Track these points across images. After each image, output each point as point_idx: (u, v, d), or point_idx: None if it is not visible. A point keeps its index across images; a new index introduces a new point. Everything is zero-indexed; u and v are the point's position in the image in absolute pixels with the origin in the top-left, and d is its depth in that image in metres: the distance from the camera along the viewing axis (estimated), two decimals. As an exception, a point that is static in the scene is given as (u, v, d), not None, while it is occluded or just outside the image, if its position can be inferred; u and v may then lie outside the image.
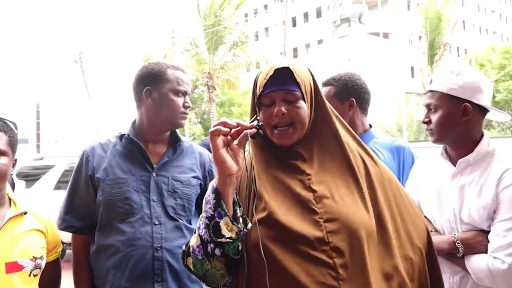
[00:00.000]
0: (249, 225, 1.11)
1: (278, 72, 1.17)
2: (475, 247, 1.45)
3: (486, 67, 26.90)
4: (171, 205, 1.68)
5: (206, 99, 25.14)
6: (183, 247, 1.23)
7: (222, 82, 22.74)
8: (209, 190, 1.16)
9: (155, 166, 1.72)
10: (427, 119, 1.61)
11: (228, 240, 1.11)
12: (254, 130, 1.15)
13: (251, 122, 1.18)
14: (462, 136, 1.55)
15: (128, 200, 1.64)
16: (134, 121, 1.82)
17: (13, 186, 2.45)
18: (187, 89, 1.77)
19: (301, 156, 1.21)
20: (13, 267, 1.43)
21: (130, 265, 1.60)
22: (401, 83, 24.61)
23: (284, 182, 1.17)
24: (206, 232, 1.13)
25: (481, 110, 1.56)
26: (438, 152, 1.66)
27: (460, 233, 1.49)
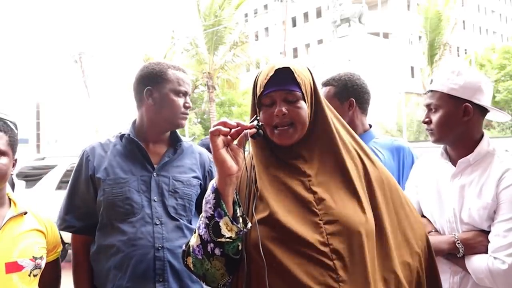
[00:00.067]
0: (248, 225, 1.12)
1: (278, 72, 1.17)
2: (475, 247, 1.45)
3: (486, 67, 26.89)
4: (172, 205, 1.68)
5: (206, 99, 25.14)
6: (183, 247, 1.23)
7: (222, 82, 22.74)
8: (209, 190, 1.16)
9: (155, 166, 1.72)
10: (427, 119, 1.61)
11: (228, 240, 1.11)
12: (254, 130, 1.15)
13: (251, 122, 1.18)
14: (462, 136, 1.55)
15: (129, 200, 1.64)
16: (134, 121, 1.81)
17: (13, 186, 2.45)
18: (187, 90, 1.77)
19: (301, 156, 1.21)
20: (13, 267, 1.43)
21: (131, 265, 1.60)
22: (401, 83, 24.61)
23: (285, 182, 1.17)
24: (206, 232, 1.13)
25: (481, 110, 1.56)
26: (438, 152, 1.66)
27: (460, 233, 1.49)
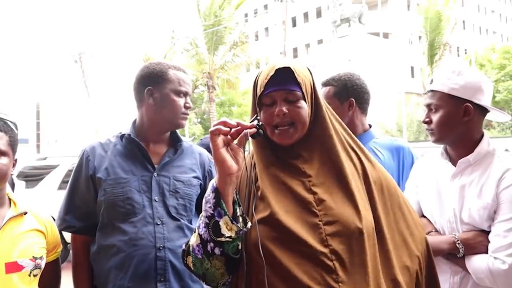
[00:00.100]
0: (248, 224, 1.11)
1: (279, 72, 1.17)
2: (475, 247, 1.45)
3: (486, 67, 26.89)
4: (173, 205, 1.68)
5: (206, 99, 25.14)
6: (183, 246, 1.23)
7: (222, 82, 22.75)
8: (209, 189, 1.15)
9: (156, 166, 1.72)
10: (427, 119, 1.60)
11: (227, 239, 1.11)
12: (254, 130, 1.15)
13: (251, 122, 1.17)
14: (462, 136, 1.55)
15: (130, 200, 1.64)
16: (134, 121, 1.81)
17: (13, 186, 2.44)
18: (188, 90, 1.77)
19: (301, 156, 1.21)
20: (13, 267, 1.43)
21: (132, 265, 1.59)
22: (401, 83, 24.60)
23: (285, 182, 1.17)
24: (205, 231, 1.13)
25: (481, 110, 1.56)
26: (438, 152, 1.66)
27: (461, 233, 1.49)
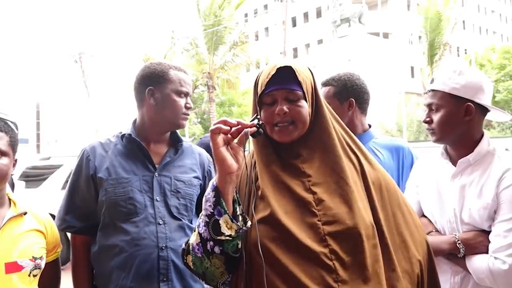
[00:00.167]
0: (248, 223, 1.11)
1: (280, 71, 1.18)
2: (476, 248, 1.45)
3: (486, 67, 26.88)
4: (174, 205, 1.69)
5: (206, 99, 25.15)
6: (183, 245, 1.24)
7: (222, 82, 22.76)
8: (209, 188, 1.16)
9: (157, 166, 1.72)
10: (428, 119, 1.60)
11: (227, 238, 1.11)
12: (254, 129, 1.15)
13: (251, 121, 1.17)
14: (463, 136, 1.55)
15: (132, 200, 1.64)
16: (134, 120, 1.81)
17: (12, 186, 2.44)
18: (189, 90, 1.77)
19: (301, 156, 1.21)
20: (12, 267, 1.43)
21: (135, 265, 1.59)
22: (401, 83, 24.59)
23: (285, 182, 1.17)
24: (205, 230, 1.13)
25: (482, 109, 1.55)
26: (438, 152, 1.66)
27: (461, 234, 1.49)
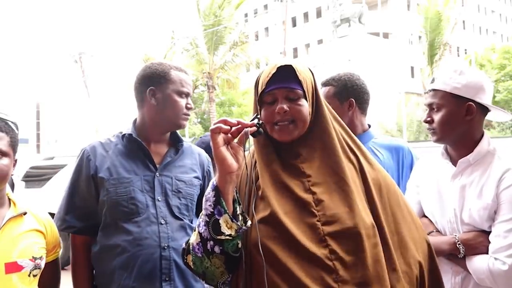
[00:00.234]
0: (248, 223, 1.12)
1: (280, 70, 1.18)
2: (476, 248, 1.45)
3: (486, 67, 26.86)
4: (175, 204, 1.69)
5: (206, 99, 25.15)
6: (183, 245, 1.24)
7: (222, 82, 22.76)
8: (209, 187, 1.16)
9: (157, 166, 1.72)
10: (429, 118, 1.60)
11: (227, 237, 1.11)
12: (254, 129, 1.15)
13: (251, 121, 1.18)
14: (463, 135, 1.55)
15: (134, 200, 1.64)
16: (134, 120, 1.81)
17: (12, 186, 2.44)
18: (189, 91, 1.78)
19: (301, 155, 1.21)
20: (12, 267, 1.43)
21: (137, 265, 1.59)
22: (401, 83, 24.58)
23: (284, 182, 1.17)
24: (205, 230, 1.13)
25: (483, 109, 1.55)
26: (438, 152, 1.66)
27: (461, 234, 1.49)
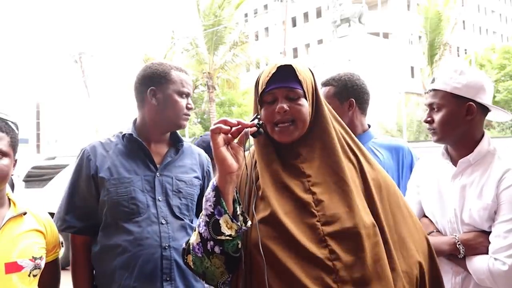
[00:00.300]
0: (248, 223, 1.12)
1: (280, 70, 1.18)
2: (476, 248, 1.45)
3: (486, 67, 26.86)
4: (176, 204, 1.69)
5: (206, 99, 25.14)
6: (184, 245, 1.24)
7: (222, 82, 22.76)
8: (209, 188, 1.16)
9: (158, 166, 1.72)
10: (429, 118, 1.60)
11: (227, 237, 1.11)
12: (254, 129, 1.15)
13: (251, 121, 1.18)
14: (464, 135, 1.55)
15: (134, 200, 1.64)
16: (134, 120, 1.81)
17: (12, 186, 2.45)
18: (190, 91, 1.78)
19: (301, 155, 1.21)
20: (12, 267, 1.43)
21: (138, 265, 1.60)
22: (401, 83, 24.59)
23: (284, 182, 1.17)
24: (205, 230, 1.13)
25: (483, 109, 1.55)
26: (438, 152, 1.66)
27: (461, 234, 1.49)
